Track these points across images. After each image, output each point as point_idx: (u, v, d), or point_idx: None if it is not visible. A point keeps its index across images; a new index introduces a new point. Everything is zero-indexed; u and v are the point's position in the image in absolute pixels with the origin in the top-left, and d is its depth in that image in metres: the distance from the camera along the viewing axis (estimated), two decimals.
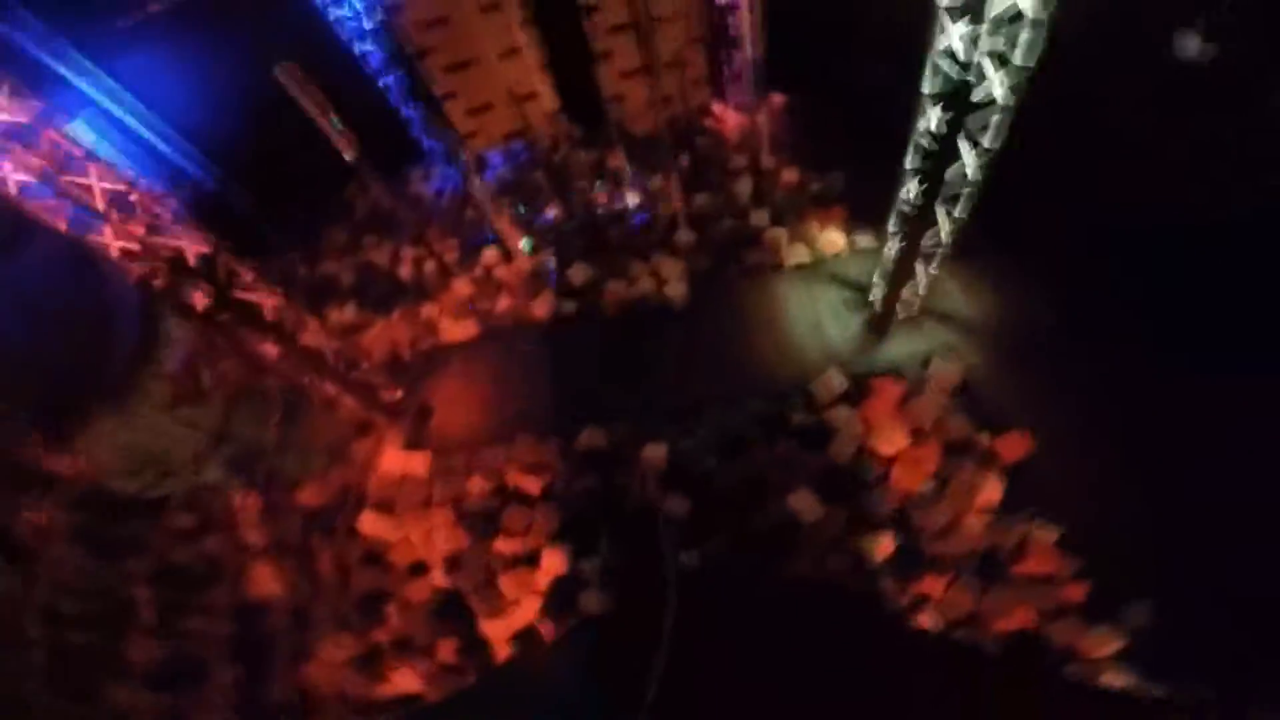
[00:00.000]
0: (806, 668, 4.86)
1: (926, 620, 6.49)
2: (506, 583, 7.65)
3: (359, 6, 10.08)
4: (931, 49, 5.66)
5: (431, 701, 7.40)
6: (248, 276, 8.15)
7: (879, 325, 8.44)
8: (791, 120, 11.00)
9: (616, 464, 8.10)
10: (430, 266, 11.42)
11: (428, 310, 10.75)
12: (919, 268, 7.83)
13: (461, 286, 10.77)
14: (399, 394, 9.99)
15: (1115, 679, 5.96)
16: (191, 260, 7.23)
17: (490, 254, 11.17)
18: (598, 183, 11.53)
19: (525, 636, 7.46)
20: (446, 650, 7.57)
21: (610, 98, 10.52)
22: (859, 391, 7.92)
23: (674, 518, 7.45)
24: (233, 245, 8.19)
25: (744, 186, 10.56)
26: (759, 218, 10.00)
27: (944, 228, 7.23)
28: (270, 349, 8.36)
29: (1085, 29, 5.28)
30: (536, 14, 10.61)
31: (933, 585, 6.52)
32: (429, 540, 8.36)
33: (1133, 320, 7.51)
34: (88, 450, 10.10)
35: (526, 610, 7.53)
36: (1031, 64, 5.06)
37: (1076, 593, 6.29)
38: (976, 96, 5.66)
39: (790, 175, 10.70)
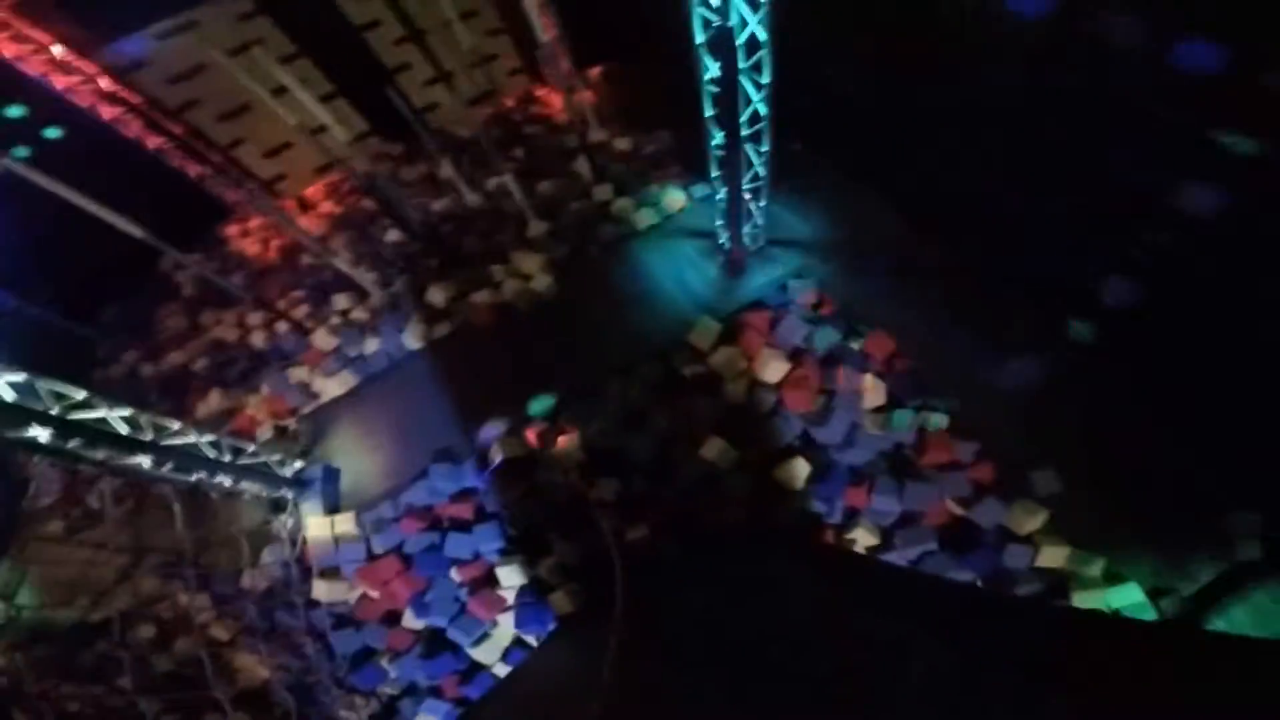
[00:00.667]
0: (771, 621, 5.14)
1: (864, 535, 7.06)
2: (475, 607, 7.80)
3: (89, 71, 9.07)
4: (690, 3, 6.01)
5: None
6: (78, 396, 7.42)
7: (734, 265, 9.07)
8: (611, 90, 11.14)
9: (536, 465, 8.35)
10: (283, 327, 10.75)
11: (296, 374, 10.20)
12: (751, 205, 8.46)
13: (322, 340, 10.25)
14: (300, 464, 9.59)
15: (1058, 553, 6.63)
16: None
17: (341, 298, 10.67)
18: (431, 195, 11.17)
19: (514, 650, 7.73)
20: (450, 687, 7.79)
21: (423, 108, 10.18)
22: (732, 330, 8.54)
23: (605, 500, 7.85)
24: (54, 367, 7.37)
25: (582, 165, 10.70)
26: (603, 192, 10.25)
27: (756, 163, 7.85)
28: (141, 460, 7.72)
29: None
30: (301, 47, 9.98)
31: (855, 495, 7.22)
32: (388, 591, 8.31)
33: (958, 221, 8.36)
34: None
35: (505, 628, 7.76)
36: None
37: (985, 473, 7.12)
38: (741, 39, 6.12)
39: (622, 144, 10.99)
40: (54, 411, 6.68)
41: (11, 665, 8.59)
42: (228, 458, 8.72)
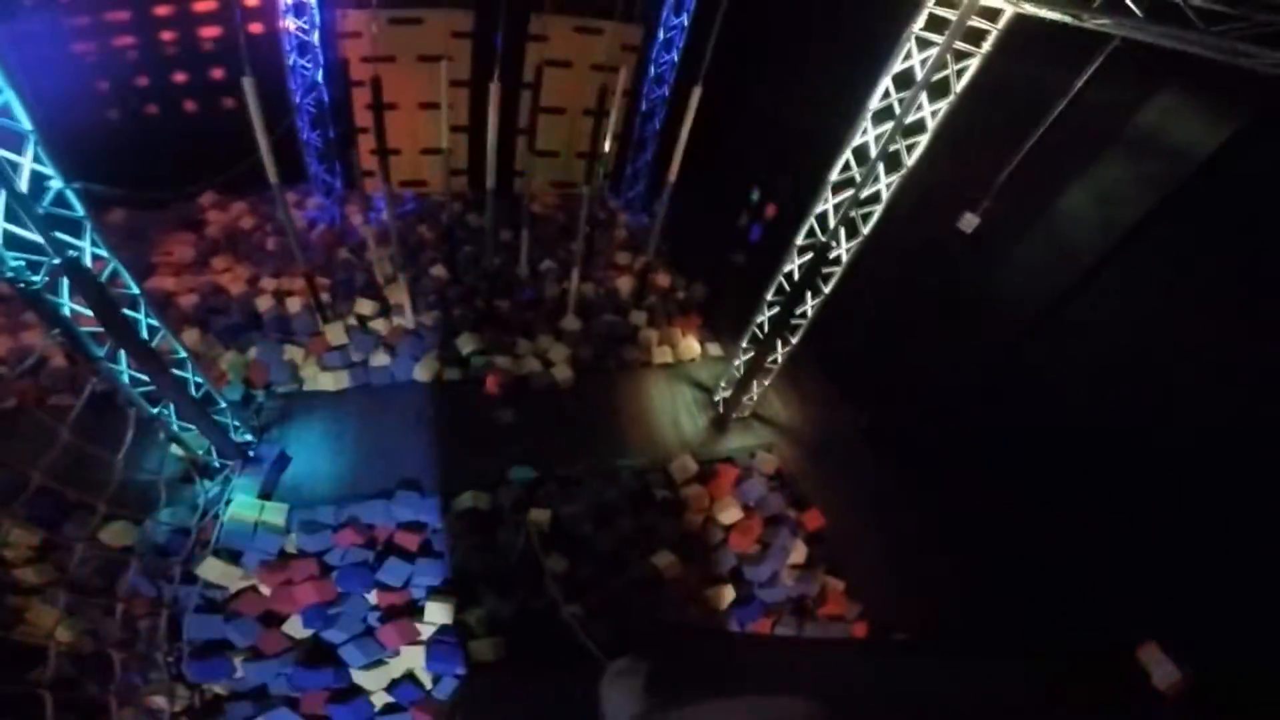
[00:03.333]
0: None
1: None
2: (386, 633, 7.71)
3: (316, 21, 10.05)
4: (811, 211, 7.87)
5: None
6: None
7: (720, 422, 10.52)
8: (671, 228, 12.98)
9: (498, 524, 8.81)
10: (296, 305, 10.97)
11: (292, 352, 10.34)
12: (755, 381, 10.09)
13: (333, 334, 10.56)
14: (251, 438, 9.47)
15: None
16: None
17: (365, 303, 11.15)
18: (488, 251, 12.22)
19: (403, 684, 7.60)
20: (314, 702, 7.30)
21: (517, 171, 11.50)
22: (705, 473, 9.77)
23: (555, 573, 8.39)
24: None
25: (625, 284, 12.17)
26: (637, 317, 11.67)
27: (780, 351, 9.60)
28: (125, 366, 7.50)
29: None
30: (472, 76, 11.45)
31: (763, 625, 8.37)
32: (287, 592, 7.98)
33: (903, 438, 10.26)
34: None
35: (407, 659, 7.69)
36: (869, 234, 7.53)
37: (861, 629, 8.55)
38: (830, 254, 7.98)
39: (663, 279, 12.61)
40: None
41: None
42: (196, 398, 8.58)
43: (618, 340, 11.44)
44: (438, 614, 8.09)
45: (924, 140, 6.93)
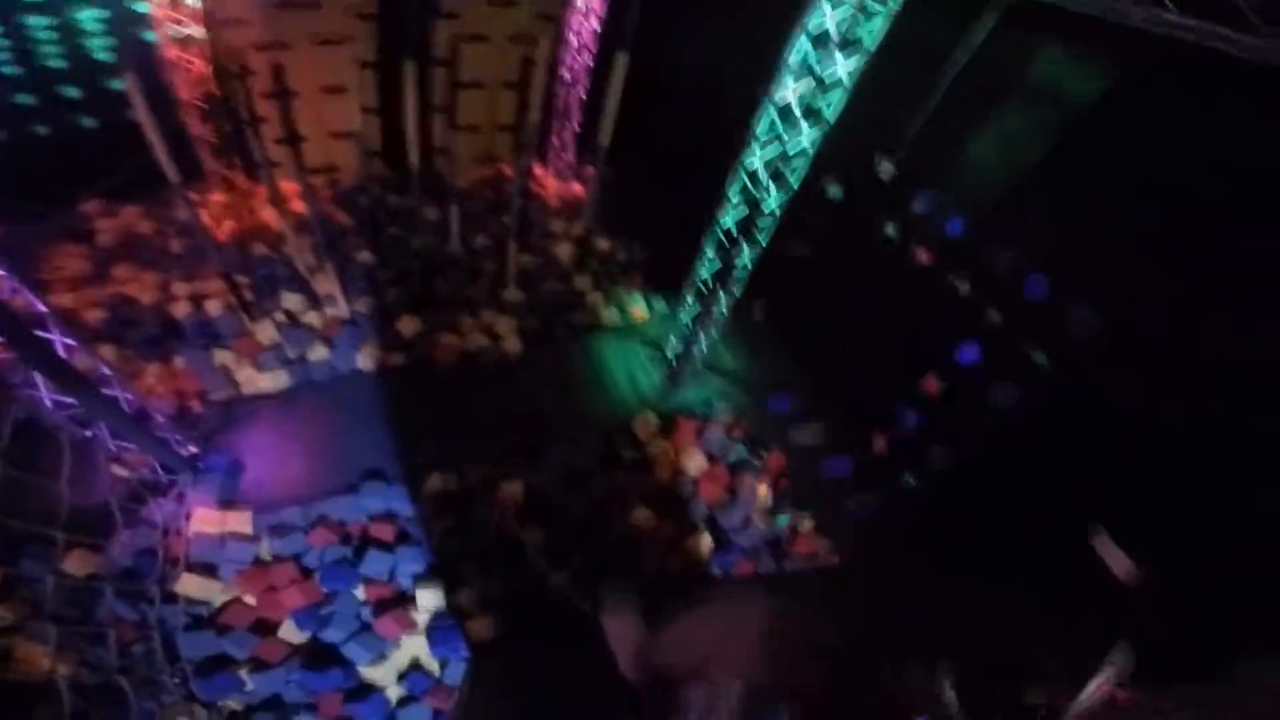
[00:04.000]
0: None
1: None
2: (383, 626, 7.71)
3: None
4: (740, 166, 8.12)
5: None
6: None
7: (675, 377, 10.81)
8: (605, 192, 12.95)
9: (471, 503, 8.85)
10: (217, 307, 10.32)
11: (221, 357, 9.77)
12: (702, 333, 10.43)
13: (263, 333, 10.04)
14: (195, 449, 9.02)
15: None
16: None
17: (292, 298, 10.62)
18: (417, 232, 11.85)
19: (412, 673, 7.67)
20: (332, 706, 7.28)
21: (438, 149, 11.12)
22: (667, 428, 10.10)
23: (534, 545, 8.56)
24: None
25: (565, 251, 12.10)
26: (581, 282, 11.67)
27: (723, 302, 9.93)
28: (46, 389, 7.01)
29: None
30: (380, 57, 10.83)
31: (743, 567, 8.85)
32: (272, 598, 7.82)
33: (844, 374, 10.89)
34: None
35: (411, 648, 7.75)
36: (797, 186, 7.88)
37: (832, 561, 9.21)
38: (762, 208, 8.29)
39: (603, 244, 12.62)
40: None
41: None
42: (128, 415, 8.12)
43: (564, 307, 11.46)
44: (429, 600, 8.12)
45: (841, 95, 7.25)
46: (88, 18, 11.13)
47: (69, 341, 7.20)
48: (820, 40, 6.89)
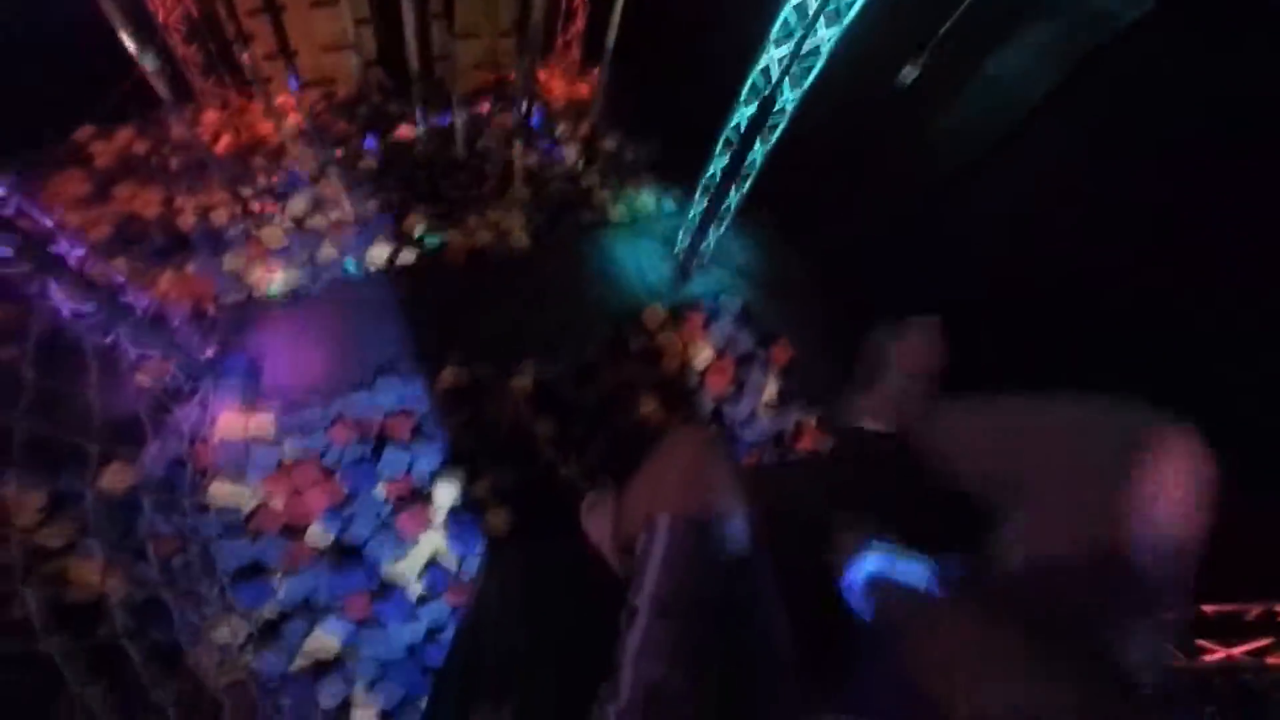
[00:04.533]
0: None
1: None
2: (403, 523, 7.89)
3: None
4: (754, 67, 7.77)
5: None
6: None
7: (683, 271, 10.69)
8: (613, 91, 12.54)
9: (483, 397, 8.97)
10: (223, 216, 10.33)
11: (232, 262, 9.84)
12: (711, 228, 10.22)
13: (271, 236, 10.06)
14: (212, 352, 9.17)
15: None
16: None
17: (298, 202, 10.58)
18: (418, 137, 11.63)
19: (431, 569, 7.89)
20: (357, 606, 7.48)
21: (438, 56, 10.84)
22: (675, 320, 10.06)
23: (546, 437, 8.70)
24: None
25: (572, 151, 11.90)
26: (589, 180, 11.50)
27: (732, 199, 9.68)
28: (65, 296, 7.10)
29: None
30: None
31: (750, 457, 8.98)
32: (298, 501, 7.96)
33: (856, 270, 10.72)
34: None
35: (429, 545, 7.94)
36: (808, 86, 7.54)
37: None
38: (773, 107, 7.97)
39: (611, 143, 12.35)
40: None
41: None
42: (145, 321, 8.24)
43: (572, 205, 11.32)
44: (446, 495, 8.24)
45: None
46: None
47: (80, 252, 7.25)
48: None
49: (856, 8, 7.04)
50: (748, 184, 9.40)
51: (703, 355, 9.73)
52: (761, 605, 1.87)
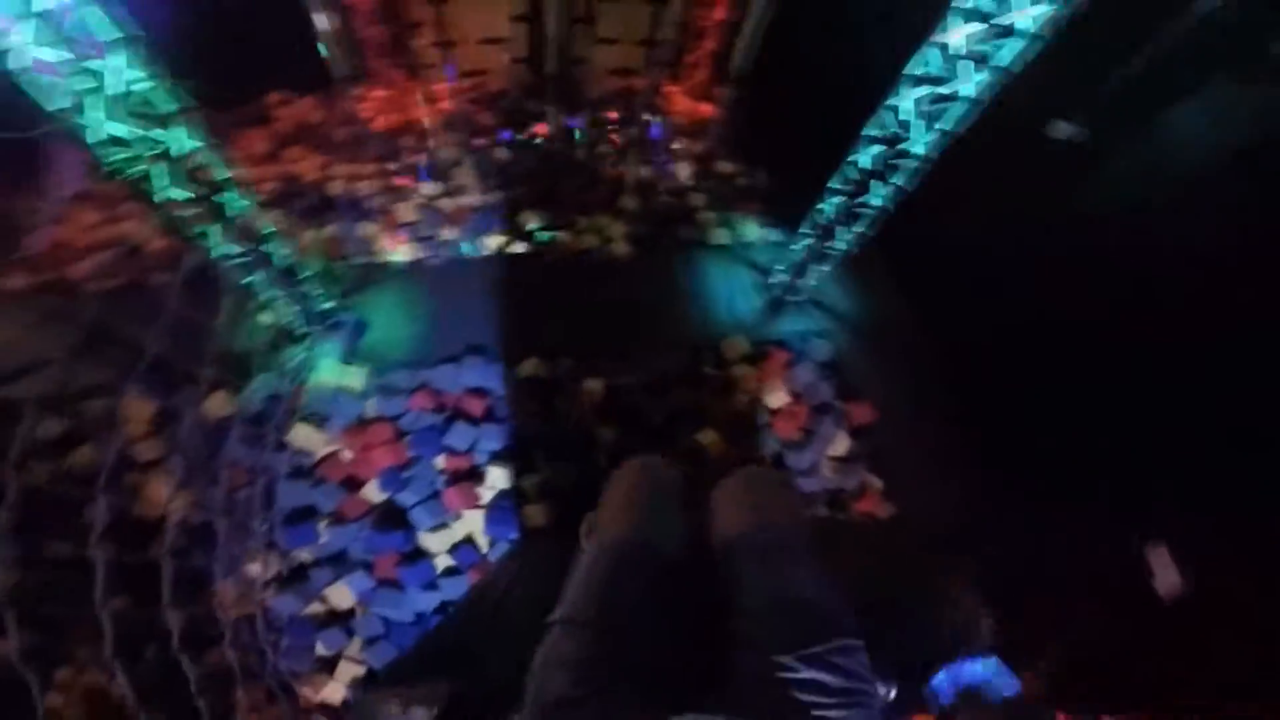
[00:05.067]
0: None
1: None
2: (450, 496, 8.31)
3: None
4: (883, 102, 7.48)
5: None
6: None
7: (775, 306, 10.49)
8: (734, 114, 12.60)
9: (556, 392, 9.29)
10: (366, 187, 11.45)
11: (365, 228, 10.90)
12: (814, 266, 9.93)
13: (404, 211, 11.03)
14: (331, 305, 10.12)
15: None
16: None
17: (431, 185, 11.51)
18: (548, 136, 12.26)
19: (463, 547, 8.22)
20: (385, 566, 7.83)
21: (576, 59, 11.45)
22: (756, 355, 9.88)
23: (605, 442, 8.86)
24: None
25: (685, 168, 12.05)
26: (696, 199, 11.59)
27: (844, 239, 9.35)
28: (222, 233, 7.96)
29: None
30: None
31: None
32: (366, 456, 8.51)
33: (968, 334, 9.98)
34: None
35: (469, 523, 8.31)
36: (953, 130, 7.11)
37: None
38: (905, 146, 7.60)
39: (725, 166, 12.35)
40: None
41: None
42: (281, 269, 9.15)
43: (676, 220, 11.44)
44: (498, 479, 8.53)
45: (1019, 42, 6.32)
46: None
47: (243, 202, 8.25)
48: None
49: (1010, 54, 6.56)
50: (861, 226, 9.06)
51: (777, 396, 9.50)
52: (670, 626, 1.95)
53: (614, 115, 13.00)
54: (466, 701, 2.28)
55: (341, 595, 7.69)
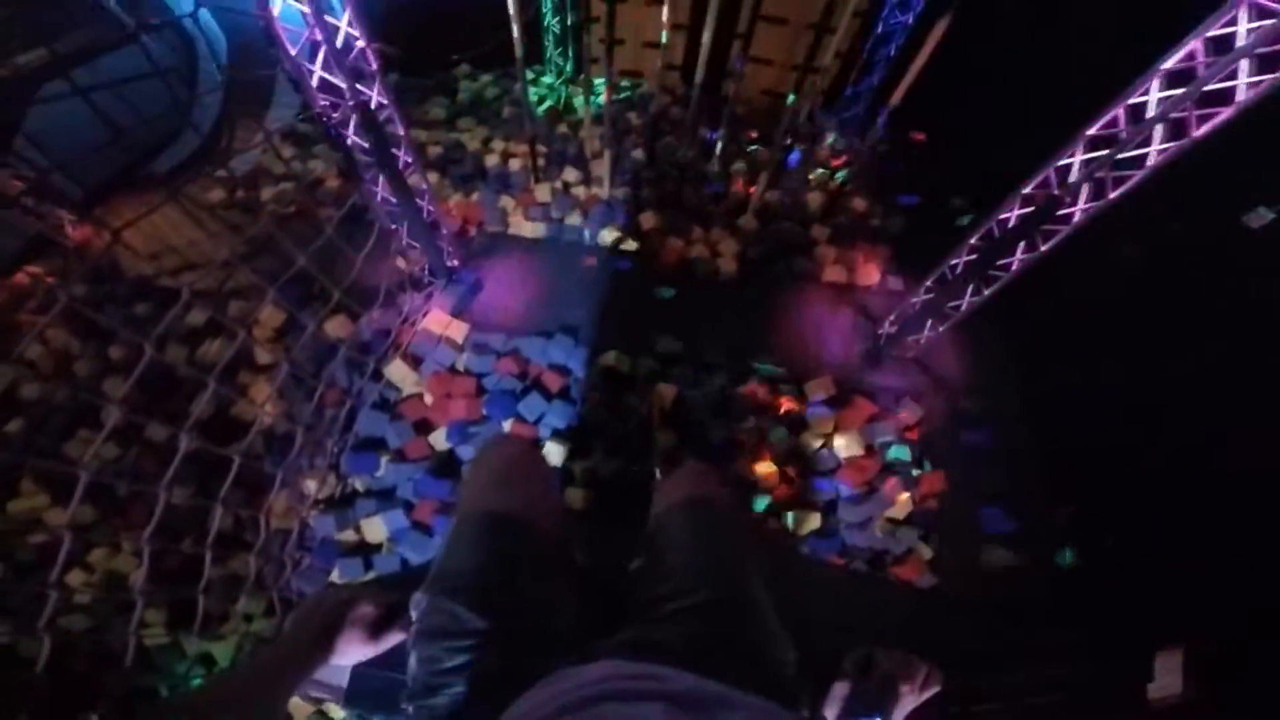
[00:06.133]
0: None
1: None
2: None
3: None
4: (1051, 160, 6.94)
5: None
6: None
7: (875, 357, 9.96)
8: (879, 155, 12.21)
9: (629, 388, 9.55)
10: (517, 165, 12.40)
11: (504, 201, 11.82)
12: (928, 324, 9.36)
13: (541, 192, 11.80)
14: (456, 263, 11.10)
15: None
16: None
17: (571, 171, 12.22)
18: (685, 144, 12.58)
19: None
20: (424, 510, 8.42)
21: (728, 73, 11.65)
22: (840, 400, 9.48)
23: (660, 448, 8.98)
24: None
25: (815, 199, 11.78)
26: (820, 232, 11.25)
27: (966, 299, 8.73)
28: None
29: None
30: None
31: (832, 560, 8.20)
32: (444, 404, 9.17)
33: (1079, 445, 9.03)
34: (107, 221, 10.31)
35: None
36: (1115, 199, 6.44)
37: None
38: (1059, 210, 6.98)
39: (859, 204, 11.93)
40: None
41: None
42: (426, 223, 10.16)
43: (792, 248, 11.16)
44: (553, 455, 8.87)
45: (1226, 113, 5.57)
46: None
47: (409, 160, 9.31)
48: (1219, 47, 5.39)
49: (1215, 124, 5.80)
50: (992, 290, 8.41)
51: (850, 446, 9.05)
52: (543, 599, 2.02)
53: (754, 135, 13.02)
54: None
55: (375, 529, 8.10)
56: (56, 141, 10.64)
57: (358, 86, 7.76)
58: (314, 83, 7.03)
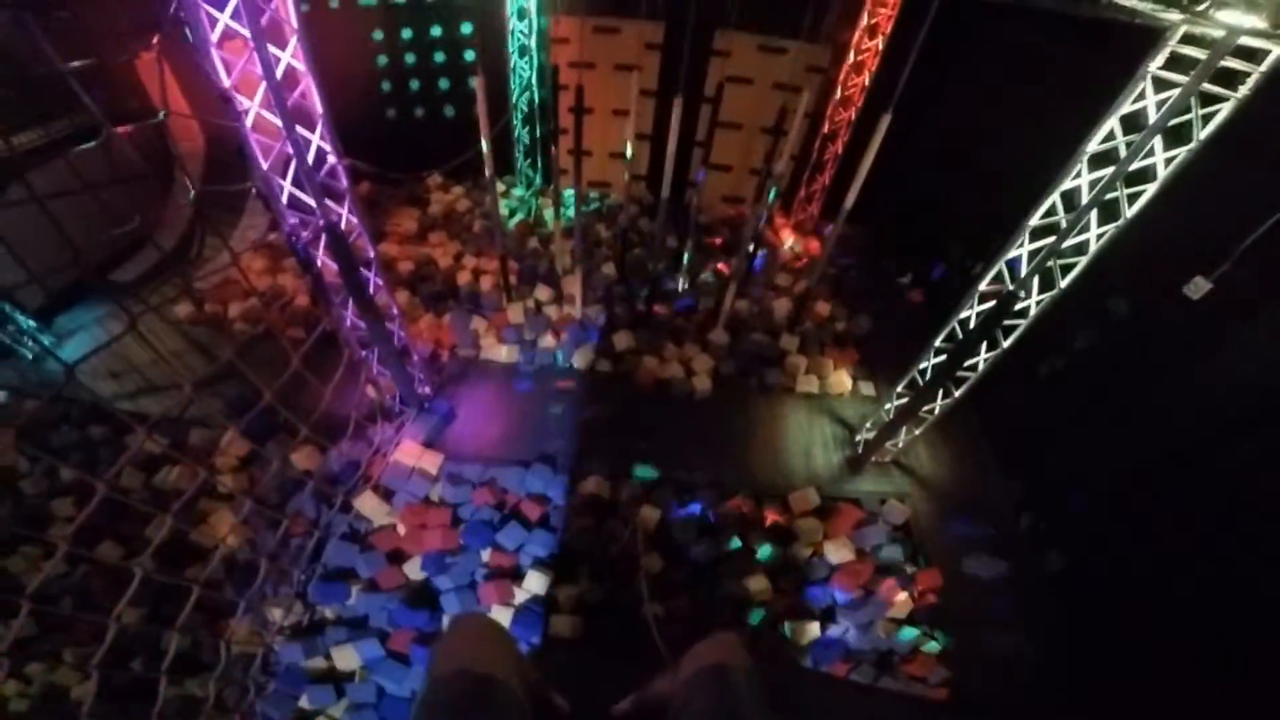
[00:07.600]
0: None
1: None
2: (485, 590, 8.41)
3: (534, 26, 11.45)
4: (1001, 256, 7.20)
5: None
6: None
7: (856, 464, 10.01)
8: (842, 255, 12.60)
9: (612, 514, 9.34)
10: (488, 283, 12.50)
11: (476, 323, 11.82)
12: (904, 428, 9.45)
13: (514, 312, 11.85)
14: (429, 389, 10.94)
15: None
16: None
17: (544, 290, 12.33)
18: (654, 256, 12.86)
19: None
20: (400, 640, 7.82)
21: (690, 182, 12.11)
22: (826, 510, 9.41)
23: (649, 572, 8.69)
24: None
25: (782, 307, 12.11)
26: (788, 342, 11.51)
27: (939, 402, 8.88)
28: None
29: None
30: (659, 87, 12.25)
31: (839, 669, 8.02)
32: (418, 535, 8.83)
33: (1063, 531, 9.13)
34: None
35: (496, 618, 8.30)
36: (1065, 288, 6.71)
37: (938, 694, 7.95)
38: (1015, 305, 7.23)
39: (823, 308, 12.33)
40: None
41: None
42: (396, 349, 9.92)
43: (763, 361, 11.40)
44: (535, 583, 8.49)
45: (1151, 190, 6.01)
46: (466, 27, 14.45)
47: (379, 281, 9.24)
48: (1132, 125, 5.84)
49: (1144, 202, 6.13)
50: (962, 389, 8.58)
51: (840, 552, 8.93)
52: None
53: (719, 242, 13.46)
54: None
55: (347, 657, 7.66)
56: (19, 247, 10.23)
57: (328, 203, 7.67)
58: (284, 199, 6.91)
